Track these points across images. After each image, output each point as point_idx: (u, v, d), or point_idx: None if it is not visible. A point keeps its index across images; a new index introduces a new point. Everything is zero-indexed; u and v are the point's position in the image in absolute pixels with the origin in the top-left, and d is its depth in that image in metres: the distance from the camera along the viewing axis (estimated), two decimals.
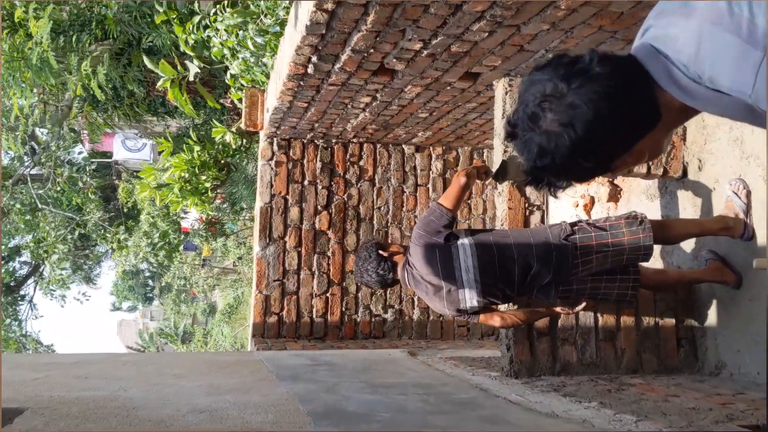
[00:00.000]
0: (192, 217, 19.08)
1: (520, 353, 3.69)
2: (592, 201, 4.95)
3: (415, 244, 3.31)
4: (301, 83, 4.12)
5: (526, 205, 3.85)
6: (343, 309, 5.62)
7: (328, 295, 5.61)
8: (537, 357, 3.71)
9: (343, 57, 3.62)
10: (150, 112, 7.74)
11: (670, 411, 2.76)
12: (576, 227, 3.34)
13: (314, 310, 5.57)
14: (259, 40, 4.51)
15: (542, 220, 3.85)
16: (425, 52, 3.53)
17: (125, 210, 15.33)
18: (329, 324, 5.59)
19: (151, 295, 35.14)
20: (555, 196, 1.33)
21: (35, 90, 7.63)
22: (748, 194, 3.52)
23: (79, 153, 16.89)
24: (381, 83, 4.09)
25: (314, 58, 3.68)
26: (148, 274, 30.22)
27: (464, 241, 3.26)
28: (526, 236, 3.34)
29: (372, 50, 3.51)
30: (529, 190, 3.86)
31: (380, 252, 3.47)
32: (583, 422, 2.42)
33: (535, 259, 3.27)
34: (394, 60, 3.67)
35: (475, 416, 2.51)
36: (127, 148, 16.78)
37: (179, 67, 5.89)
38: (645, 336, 3.85)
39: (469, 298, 3.30)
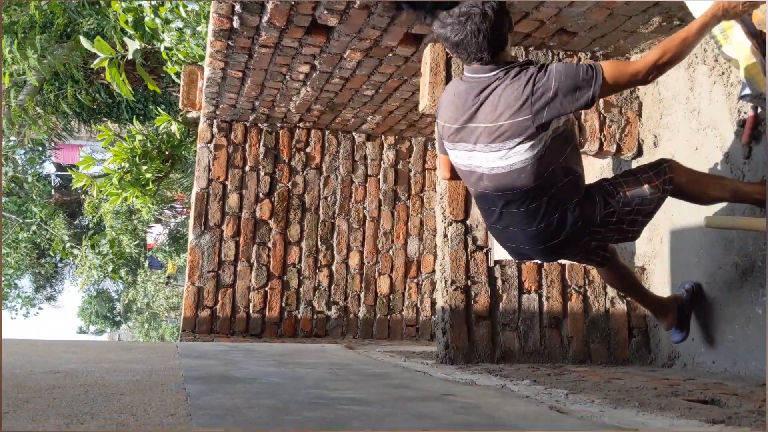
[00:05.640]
0: (156, 231, 18.57)
1: (456, 338, 3.35)
2: None
3: (545, 76, 2.39)
4: (230, 43, 3.80)
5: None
6: (283, 304, 5.24)
7: (267, 288, 5.22)
8: (475, 343, 3.37)
9: (269, 6, 3.31)
10: (91, 101, 7.36)
11: (609, 389, 2.43)
12: (609, 210, 2.60)
13: (251, 304, 5.18)
14: (191, 6, 4.20)
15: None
16: (358, 2, 3.23)
17: (90, 225, 14.84)
18: (267, 320, 5.19)
19: (119, 318, 34.19)
20: None
21: None
22: None
23: (43, 161, 16.48)
24: (317, 45, 3.79)
25: (238, 8, 3.37)
26: (115, 296, 29.42)
27: (539, 143, 2.43)
28: (568, 200, 2.54)
29: None
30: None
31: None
32: (502, 387, 2.07)
33: (543, 226, 2.56)
34: (326, 12, 3.36)
35: (380, 383, 2.16)
36: (98, 162, 16.36)
37: (118, 47, 5.56)
38: (594, 324, 3.52)
39: (461, 156, 2.60)
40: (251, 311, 5.17)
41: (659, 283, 3.54)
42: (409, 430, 1.35)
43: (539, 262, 3.52)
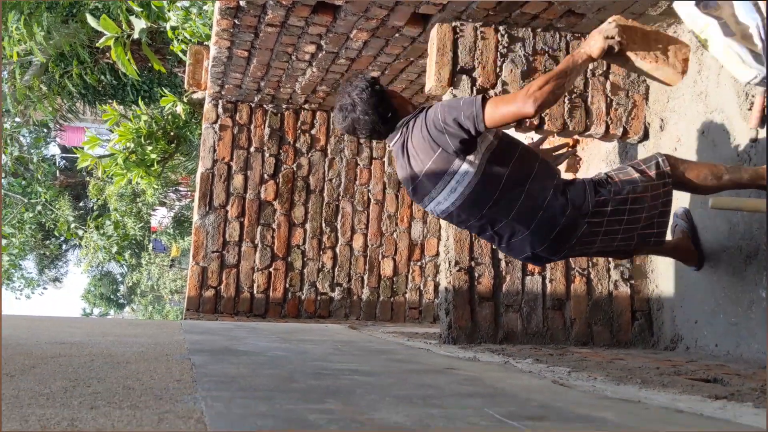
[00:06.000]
0: (160, 214, 18.60)
1: (459, 318, 3.36)
2: None
3: (432, 119, 2.56)
4: (237, 21, 3.79)
5: None
6: (287, 285, 5.25)
7: (271, 269, 5.23)
8: (478, 323, 3.38)
9: None
10: (96, 82, 7.34)
11: (611, 368, 2.44)
12: (597, 199, 2.63)
13: (255, 285, 5.19)
14: None
15: None
16: None
17: (95, 207, 14.89)
18: (271, 300, 5.21)
19: (122, 301, 34.28)
20: None
21: None
22: None
23: (48, 142, 16.55)
24: (323, 25, 3.77)
25: None
26: (119, 278, 29.50)
27: (471, 165, 2.57)
28: (545, 191, 2.63)
29: None
30: None
31: (385, 89, 2.73)
32: (505, 363, 2.08)
33: (521, 236, 2.65)
34: None
35: (384, 358, 2.17)
36: (103, 142, 16.39)
37: (125, 26, 5.55)
38: (597, 307, 3.53)
39: (432, 208, 2.74)
40: (255, 292, 5.18)
41: (663, 266, 3.54)
42: (414, 398, 1.36)
43: None
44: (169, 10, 4.58)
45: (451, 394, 1.42)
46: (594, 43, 2.49)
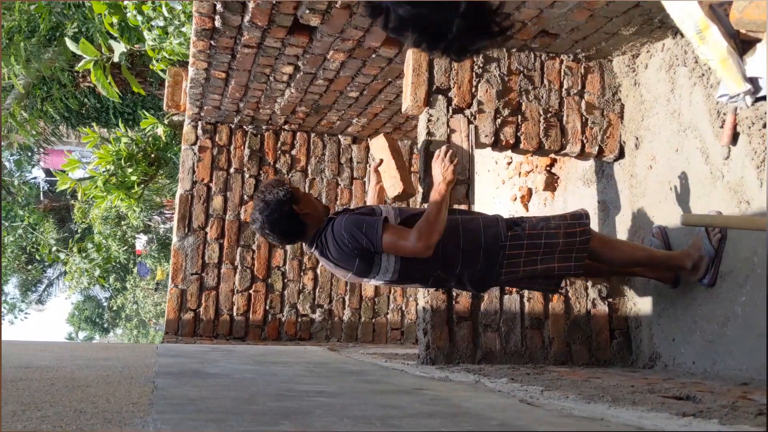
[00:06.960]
0: (146, 237, 18.48)
1: (437, 339, 3.34)
2: (530, 192, 4.67)
3: (339, 239, 2.84)
4: (213, 43, 3.79)
5: None
6: (267, 307, 5.21)
7: (251, 291, 5.19)
8: (456, 343, 3.36)
9: (251, 5, 3.31)
10: (79, 105, 7.32)
11: (585, 386, 2.42)
12: (511, 233, 2.97)
13: (235, 307, 5.15)
14: (174, 4, 4.19)
15: (467, 195, 3.52)
16: (339, 2, 3.23)
17: (79, 231, 14.76)
18: (251, 323, 5.16)
19: (107, 325, 33.89)
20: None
21: None
22: (721, 240, 3.04)
23: (33, 166, 16.47)
24: (300, 46, 3.78)
25: (219, 6, 3.37)
26: (104, 302, 29.20)
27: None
28: (457, 239, 2.94)
29: None
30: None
31: (293, 207, 2.90)
32: (476, 383, 2.06)
33: (459, 266, 2.95)
34: (308, 12, 3.36)
35: (354, 379, 2.14)
36: (83, 165, 16.33)
37: (104, 49, 5.54)
38: (575, 326, 3.52)
39: (375, 282, 3.00)
40: (235, 314, 5.14)
41: (640, 284, 3.54)
42: (372, 418, 1.33)
43: None
44: (146, 29, 4.58)
45: (412, 414, 1.40)
46: (444, 172, 3.05)
